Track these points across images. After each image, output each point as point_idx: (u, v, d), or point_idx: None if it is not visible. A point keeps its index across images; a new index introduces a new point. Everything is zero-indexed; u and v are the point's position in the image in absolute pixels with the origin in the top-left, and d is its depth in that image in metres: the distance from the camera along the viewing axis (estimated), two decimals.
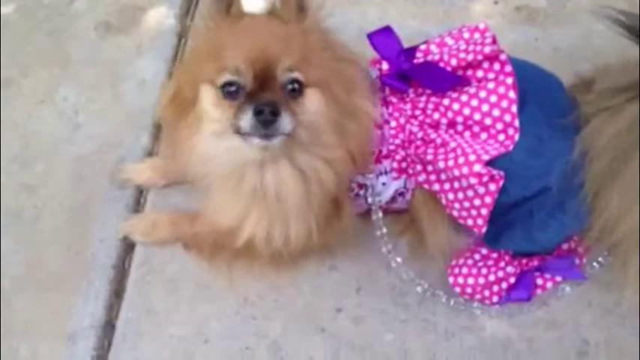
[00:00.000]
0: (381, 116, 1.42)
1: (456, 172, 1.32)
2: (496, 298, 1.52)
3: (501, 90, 1.34)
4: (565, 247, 1.53)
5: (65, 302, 1.59)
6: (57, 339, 1.54)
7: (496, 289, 1.51)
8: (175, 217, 1.64)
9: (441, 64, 1.40)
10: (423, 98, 1.43)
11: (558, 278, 1.55)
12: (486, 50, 1.35)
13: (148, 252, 1.66)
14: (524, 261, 1.52)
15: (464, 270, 1.51)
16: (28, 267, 1.64)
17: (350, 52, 1.38)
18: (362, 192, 1.47)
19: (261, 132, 1.20)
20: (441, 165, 1.34)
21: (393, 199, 1.51)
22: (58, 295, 1.60)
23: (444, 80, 1.39)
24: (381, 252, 1.52)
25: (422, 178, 1.43)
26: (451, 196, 1.39)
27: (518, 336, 1.52)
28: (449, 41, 1.45)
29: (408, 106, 1.44)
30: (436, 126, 1.41)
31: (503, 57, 1.36)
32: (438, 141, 1.38)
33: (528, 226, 1.41)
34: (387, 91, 1.46)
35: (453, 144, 1.35)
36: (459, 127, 1.39)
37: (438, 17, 2.09)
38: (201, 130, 1.30)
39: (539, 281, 1.55)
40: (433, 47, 1.46)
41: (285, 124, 1.19)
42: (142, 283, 1.62)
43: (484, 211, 1.35)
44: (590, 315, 1.54)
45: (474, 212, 1.37)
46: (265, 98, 1.19)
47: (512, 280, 1.51)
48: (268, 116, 1.17)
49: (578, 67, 1.57)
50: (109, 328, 1.57)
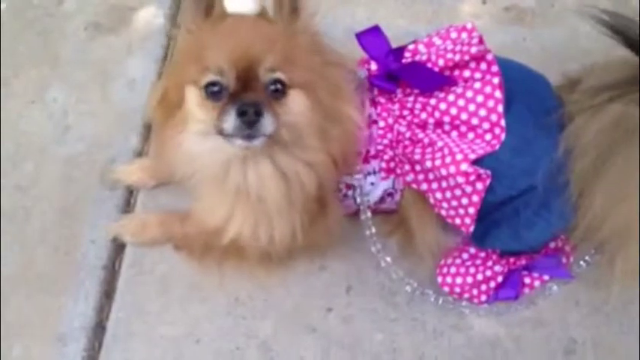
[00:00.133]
0: (370, 116, 1.42)
1: (444, 172, 1.32)
2: (484, 297, 1.53)
3: (488, 90, 1.34)
4: (552, 245, 1.53)
5: (55, 303, 1.59)
6: (47, 340, 1.55)
7: (484, 288, 1.52)
8: (165, 218, 1.64)
9: (429, 64, 1.40)
10: (411, 98, 1.43)
11: (546, 277, 1.56)
12: (473, 50, 1.35)
13: (138, 252, 1.66)
14: (511, 260, 1.53)
15: (452, 269, 1.52)
16: (18, 268, 1.64)
17: (338, 55, 1.38)
18: (350, 192, 1.48)
19: (244, 132, 1.20)
20: (429, 164, 1.35)
21: (382, 200, 1.51)
22: (49, 296, 1.60)
23: (431, 80, 1.39)
24: (371, 251, 1.52)
25: (410, 177, 1.43)
26: (439, 195, 1.39)
27: (506, 335, 1.53)
28: (437, 41, 1.45)
29: (396, 106, 1.44)
30: (424, 126, 1.41)
31: (489, 57, 1.37)
32: (426, 141, 1.38)
33: (515, 224, 1.41)
34: (376, 91, 1.46)
35: (440, 143, 1.36)
36: (447, 127, 1.39)
37: (426, 17, 2.09)
38: (186, 129, 1.30)
39: (527, 280, 1.56)
40: (421, 47, 1.46)
41: (267, 124, 1.19)
42: (133, 283, 1.62)
43: (472, 210, 1.35)
44: (578, 314, 1.55)
45: (461, 211, 1.37)
46: (248, 99, 1.19)
47: (500, 279, 1.52)
48: (252, 117, 1.17)
49: (566, 67, 1.57)
50: (99, 329, 1.57)
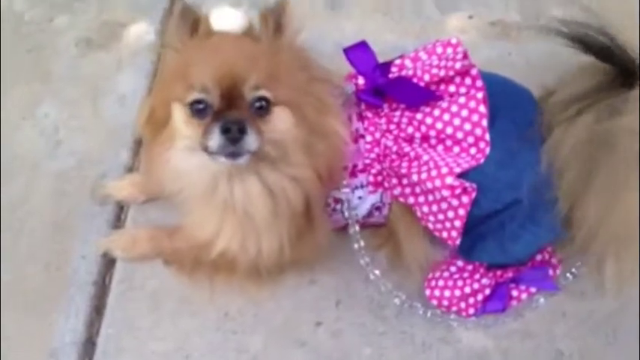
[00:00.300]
0: (357, 131, 1.44)
1: (429, 185, 1.33)
2: (472, 310, 1.53)
3: (472, 104, 1.35)
4: (539, 258, 1.54)
5: (46, 319, 1.58)
6: (39, 356, 1.54)
7: (472, 301, 1.52)
8: (155, 233, 1.64)
9: (415, 79, 1.42)
10: (398, 113, 1.44)
11: (532, 289, 1.56)
12: (457, 66, 1.37)
13: (128, 268, 1.65)
14: (498, 273, 1.53)
15: (440, 282, 1.53)
16: (9, 283, 1.63)
17: (325, 70, 1.39)
18: (339, 206, 1.48)
19: (228, 150, 1.21)
20: (415, 178, 1.36)
21: (370, 214, 1.52)
22: (40, 311, 1.60)
23: (417, 95, 1.40)
24: (360, 265, 1.52)
25: (397, 191, 1.44)
26: (426, 208, 1.40)
27: (494, 347, 1.53)
28: (422, 56, 1.47)
29: (383, 120, 1.45)
30: (410, 140, 1.42)
31: (474, 72, 1.38)
32: (412, 154, 1.40)
33: (500, 237, 1.42)
34: (363, 105, 1.47)
35: (425, 157, 1.37)
36: (432, 141, 1.40)
37: (414, 32, 2.11)
38: (173, 146, 1.32)
39: (514, 293, 1.56)
40: (407, 62, 1.48)
41: (251, 141, 1.20)
42: (123, 299, 1.62)
43: (458, 223, 1.36)
44: (565, 325, 1.56)
45: (448, 224, 1.38)
46: (232, 116, 1.20)
47: (488, 291, 1.52)
48: (235, 134, 1.18)
49: (550, 81, 1.59)
50: (89, 345, 1.56)
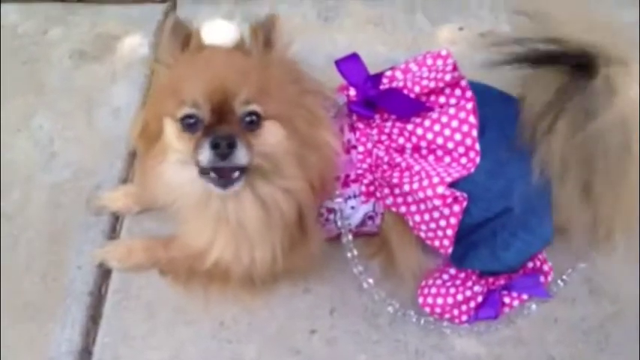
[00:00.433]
0: (349, 141, 1.45)
1: (421, 195, 1.35)
2: (465, 317, 1.54)
3: (462, 115, 1.37)
4: (530, 265, 1.55)
5: (42, 329, 1.59)
6: None
7: (464, 308, 1.53)
8: (150, 243, 1.65)
9: (405, 91, 1.43)
10: (389, 124, 1.46)
11: (525, 296, 1.56)
12: (447, 77, 1.39)
13: (124, 278, 1.66)
14: (490, 280, 1.54)
15: (433, 290, 1.54)
16: (5, 294, 1.64)
17: (316, 83, 1.40)
18: (332, 216, 1.49)
19: (218, 165, 1.22)
20: (407, 188, 1.37)
21: (363, 223, 1.53)
22: (36, 322, 1.60)
23: (407, 107, 1.42)
24: (354, 274, 1.53)
25: (389, 201, 1.46)
26: (417, 218, 1.42)
27: (487, 354, 1.54)
28: (413, 67, 1.48)
29: (375, 131, 1.47)
30: (401, 150, 1.44)
31: (463, 83, 1.41)
32: (403, 165, 1.41)
33: (492, 245, 1.43)
34: (354, 117, 1.49)
35: (417, 167, 1.38)
36: (423, 151, 1.42)
37: (406, 43, 2.13)
38: (166, 160, 1.33)
39: (506, 300, 1.56)
40: (398, 74, 1.49)
41: (241, 156, 1.22)
42: (119, 308, 1.62)
43: (449, 231, 1.38)
44: (556, 331, 1.57)
45: (439, 233, 1.40)
46: (222, 132, 1.21)
47: (480, 299, 1.53)
48: (225, 149, 1.20)
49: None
50: (86, 354, 1.57)
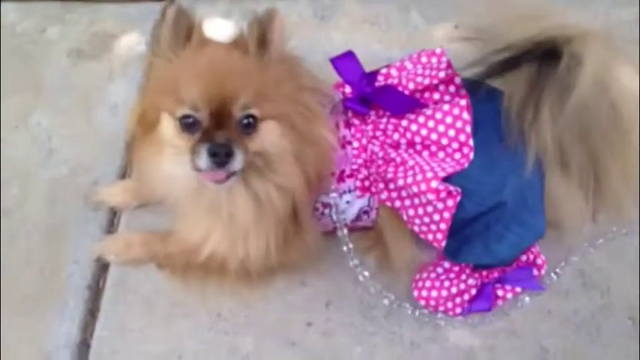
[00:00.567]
0: (344, 137, 1.47)
1: (415, 189, 1.36)
2: (459, 310, 1.55)
3: (456, 111, 1.38)
4: (524, 259, 1.56)
5: (41, 322, 1.61)
6: (34, 358, 1.56)
7: (459, 300, 1.55)
8: (148, 237, 1.66)
9: (400, 88, 1.45)
10: (384, 120, 1.47)
11: (518, 289, 1.57)
12: (441, 74, 1.41)
13: (122, 272, 1.68)
14: (484, 273, 1.55)
15: (427, 283, 1.55)
16: (4, 288, 1.65)
17: (313, 79, 1.41)
18: (327, 211, 1.51)
19: (215, 170, 1.25)
20: (401, 182, 1.39)
21: (358, 218, 1.54)
22: (34, 315, 1.62)
23: (402, 103, 1.44)
24: (349, 267, 1.55)
25: (384, 195, 1.47)
26: (411, 212, 1.43)
27: (480, 345, 1.56)
28: (408, 65, 1.50)
29: (370, 127, 1.48)
30: (396, 146, 1.45)
31: (457, 80, 1.42)
32: (398, 160, 1.42)
33: (485, 239, 1.44)
34: (350, 113, 1.50)
35: (411, 162, 1.40)
36: (418, 147, 1.43)
37: (401, 42, 2.13)
38: (162, 151, 1.34)
39: (500, 292, 1.57)
40: (393, 71, 1.51)
41: (237, 163, 1.24)
42: (117, 302, 1.64)
43: (443, 225, 1.39)
44: (549, 324, 1.58)
45: (433, 227, 1.41)
46: (220, 139, 1.23)
47: (474, 291, 1.55)
48: (222, 158, 1.22)
49: None
50: (84, 347, 1.58)
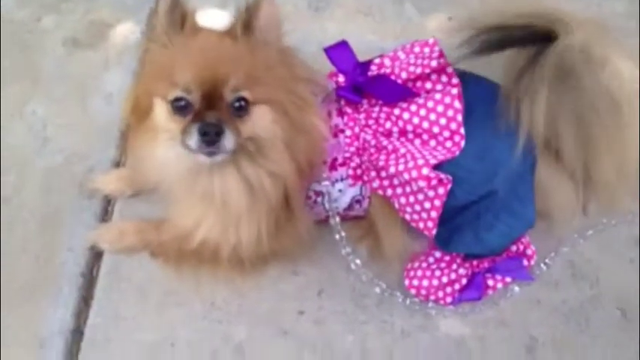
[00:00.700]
0: (337, 126, 1.48)
1: (406, 176, 1.37)
2: (449, 299, 1.57)
3: (447, 100, 1.39)
4: (514, 249, 1.58)
5: (35, 309, 1.61)
6: (28, 345, 1.57)
7: (449, 290, 1.56)
8: (142, 225, 1.66)
9: (393, 77, 1.46)
10: (376, 108, 1.48)
11: (508, 279, 1.59)
12: (433, 64, 1.41)
13: (115, 260, 1.68)
14: (475, 263, 1.57)
15: (418, 273, 1.57)
16: (1, 276, 1.66)
17: (307, 68, 1.42)
18: (319, 199, 1.52)
19: (206, 150, 1.26)
20: (392, 170, 1.40)
21: (351, 207, 1.55)
22: (29, 302, 1.62)
23: (394, 92, 1.44)
24: (342, 255, 1.56)
25: (376, 184, 1.48)
26: (403, 200, 1.44)
27: (470, 334, 1.57)
28: (401, 55, 1.50)
29: (362, 115, 1.49)
30: (388, 134, 1.46)
31: (449, 70, 1.43)
32: (390, 147, 1.43)
33: (475, 227, 1.45)
34: (343, 102, 1.51)
35: (402, 150, 1.41)
36: (410, 135, 1.44)
37: (394, 33, 2.14)
38: (156, 137, 1.35)
39: (490, 282, 1.59)
40: (386, 61, 1.51)
41: (228, 143, 1.25)
42: (110, 290, 1.64)
43: (434, 213, 1.40)
44: (538, 313, 1.60)
45: (424, 215, 1.42)
46: (210, 119, 1.24)
47: (464, 281, 1.56)
48: (213, 137, 1.23)
49: None
50: (77, 334, 1.59)
